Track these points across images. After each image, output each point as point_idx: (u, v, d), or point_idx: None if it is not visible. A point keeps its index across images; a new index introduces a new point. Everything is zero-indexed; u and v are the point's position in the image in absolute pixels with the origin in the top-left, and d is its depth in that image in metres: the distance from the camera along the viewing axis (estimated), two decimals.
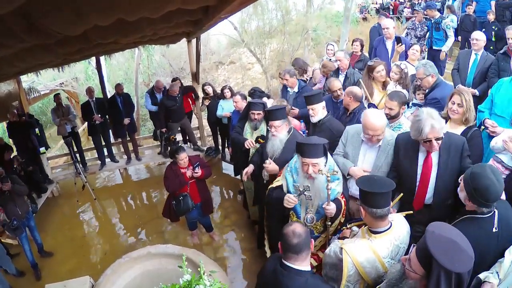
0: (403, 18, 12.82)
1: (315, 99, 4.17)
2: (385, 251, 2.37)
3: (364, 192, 2.41)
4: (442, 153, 3.03)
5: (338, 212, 3.14)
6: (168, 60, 18.78)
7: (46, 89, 11.43)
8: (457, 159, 3.01)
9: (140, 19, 3.60)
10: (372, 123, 3.30)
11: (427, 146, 2.98)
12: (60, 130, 7.42)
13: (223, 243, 5.71)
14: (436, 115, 2.91)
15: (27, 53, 3.93)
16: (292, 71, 5.66)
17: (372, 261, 2.35)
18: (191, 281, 2.68)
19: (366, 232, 2.52)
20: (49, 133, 13.02)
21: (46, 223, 6.59)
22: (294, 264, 2.22)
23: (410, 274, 1.90)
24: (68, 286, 3.59)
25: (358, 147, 3.60)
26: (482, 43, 5.43)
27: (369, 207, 2.36)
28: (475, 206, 2.42)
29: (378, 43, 6.73)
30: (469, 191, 2.41)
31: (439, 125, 2.87)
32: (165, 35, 6.15)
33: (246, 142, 4.65)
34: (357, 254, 2.36)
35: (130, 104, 7.88)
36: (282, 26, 15.93)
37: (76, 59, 6.90)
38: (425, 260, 1.79)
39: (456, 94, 3.59)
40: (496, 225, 2.41)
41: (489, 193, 2.33)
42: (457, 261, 1.72)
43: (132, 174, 8.58)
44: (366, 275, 2.37)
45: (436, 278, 1.71)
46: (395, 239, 2.41)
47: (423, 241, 1.81)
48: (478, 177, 2.39)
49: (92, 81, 16.27)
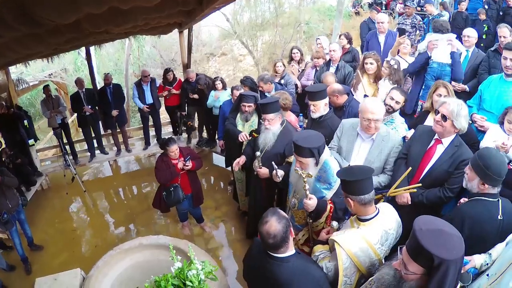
0: (395, 13, 12.83)
1: (318, 96, 4.06)
2: (375, 237, 2.39)
3: (347, 182, 2.43)
4: (447, 151, 3.18)
5: (320, 212, 3.11)
6: (159, 51, 18.56)
7: (35, 80, 11.25)
8: (452, 165, 3.16)
9: (133, 8, 3.56)
10: (372, 106, 3.36)
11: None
12: (51, 122, 7.31)
13: (214, 234, 5.77)
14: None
15: (18, 43, 3.85)
16: (266, 78, 5.64)
17: (365, 250, 2.37)
18: (183, 268, 2.69)
19: (355, 221, 2.54)
20: (38, 125, 12.84)
21: (35, 216, 6.52)
22: (277, 253, 2.25)
23: (408, 277, 1.86)
24: (59, 279, 3.54)
25: (353, 141, 3.62)
26: (473, 40, 5.48)
27: (356, 196, 2.39)
28: (489, 187, 2.56)
29: (370, 37, 6.75)
30: (481, 171, 2.56)
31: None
32: (157, 25, 6.09)
33: (240, 135, 4.66)
34: (349, 245, 2.37)
35: (120, 96, 7.76)
36: (275, 19, 15.85)
37: (66, 49, 6.78)
38: (423, 259, 1.76)
39: (441, 86, 3.72)
40: (501, 212, 2.53)
41: (500, 168, 2.51)
42: (454, 248, 1.73)
43: (122, 166, 8.53)
44: (361, 265, 2.38)
45: (442, 271, 1.70)
46: (383, 225, 2.44)
47: (415, 241, 1.78)
48: (487, 155, 2.58)
49: (81, 72, 16.05)
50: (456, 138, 3.17)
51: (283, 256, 2.25)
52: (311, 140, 3.08)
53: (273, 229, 2.19)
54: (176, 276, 2.70)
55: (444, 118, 3.08)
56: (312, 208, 3.02)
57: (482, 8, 9.11)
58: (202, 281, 2.67)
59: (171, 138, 5.06)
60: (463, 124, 3.06)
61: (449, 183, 3.16)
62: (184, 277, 2.64)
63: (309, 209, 3.03)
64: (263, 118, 4.08)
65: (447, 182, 3.17)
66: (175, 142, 4.92)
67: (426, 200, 3.24)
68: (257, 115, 4.81)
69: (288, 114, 5.08)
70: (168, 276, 2.70)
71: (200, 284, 2.64)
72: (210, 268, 2.80)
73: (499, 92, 4.14)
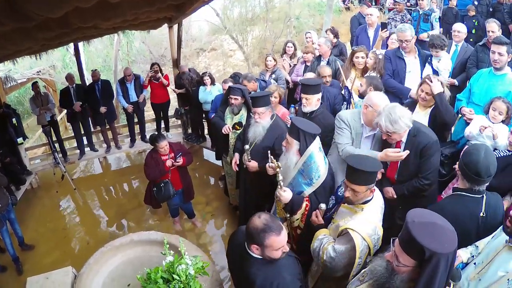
0: (385, 8, 12.90)
1: (312, 90, 4.05)
2: (377, 215, 2.57)
3: (364, 172, 2.46)
4: (406, 145, 3.25)
5: (294, 209, 3.11)
6: (148, 47, 18.41)
7: (23, 77, 11.11)
8: (416, 155, 3.22)
9: (122, 2, 3.52)
10: (385, 100, 3.43)
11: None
12: (40, 119, 7.21)
13: (205, 229, 5.79)
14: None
15: (6, 39, 3.80)
16: (249, 76, 5.66)
17: (374, 229, 2.49)
18: (173, 262, 2.72)
19: (355, 207, 2.62)
20: (27, 123, 12.69)
21: (26, 215, 6.43)
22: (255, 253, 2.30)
23: (400, 269, 1.87)
24: (51, 278, 3.52)
25: (360, 134, 3.61)
26: (463, 35, 5.59)
27: (370, 184, 2.52)
28: (468, 183, 2.55)
29: (360, 31, 6.79)
30: (461, 167, 2.58)
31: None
32: (147, 19, 6.02)
33: (224, 127, 4.78)
34: (361, 228, 2.46)
35: (109, 92, 7.65)
36: (265, 13, 15.82)
37: (55, 45, 6.68)
38: (415, 251, 1.77)
39: (425, 83, 3.81)
40: (484, 210, 2.50)
41: (477, 166, 2.46)
42: (446, 241, 1.74)
43: (112, 163, 8.45)
44: (372, 244, 2.47)
45: (433, 264, 1.71)
46: (379, 202, 2.65)
47: (407, 233, 1.79)
48: (469, 153, 2.57)
49: (69, 69, 15.80)
50: (411, 129, 3.17)
51: (255, 255, 2.30)
52: (306, 124, 3.11)
53: (257, 224, 2.22)
54: (166, 269, 2.73)
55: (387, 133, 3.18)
56: (286, 201, 3.02)
57: (472, 4, 9.21)
58: (191, 276, 2.68)
59: (160, 134, 5.05)
60: (403, 127, 3.07)
61: (420, 171, 3.22)
62: (174, 270, 2.67)
63: (282, 201, 3.03)
64: (253, 112, 4.10)
65: (419, 171, 3.23)
66: (164, 138, 4.89)
67: (408, 192, 3.31)
68: (246, 109, 4.84)
69: (279, 107, 5.09)
70: (159, 269, 2.73)
71: (186, 279, 2.65)
72: (201, 264, 2.82)
73: (488, 86, 4.21)
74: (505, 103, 3.64)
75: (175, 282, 2.64)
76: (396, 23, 8.54)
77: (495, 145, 3.48)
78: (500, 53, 4.08)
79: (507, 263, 2.09)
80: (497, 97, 3.75)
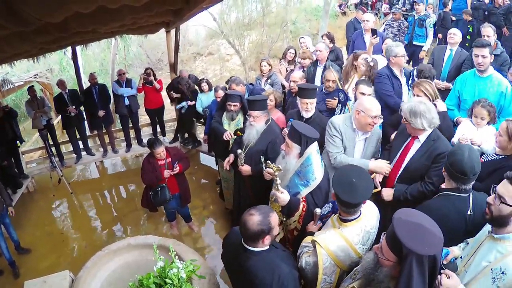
0: (381, 13, 13.01)
1: (313, 94, 4.09)
2: (356, 237, 2.44)
3: (340, 199, 2.43)
4: (422, 146, 3.24)
5: (292, 210, 3.14)
6: (145, 51, 18.40)
7: (20, 80, 11.05)
8: (429, 159, 3.22)
9: (121, 7, 3.55)
10: (376, 104, 3.46)
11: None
12: (36, 123, 7.21)
13: (202, 233, 5.80)
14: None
15: (4, 43, 3.81)
16: (237, 80, 5.70)
17: (345, 249, 2.41)
18: (164, 266, 2.77)
19: (336, 220, 2.57)
20: (23, 126, 12.61)
21: (22, 219, 6.41)
22: (249, 246, 2.36)
23: (383, 262, 1.92)
24: (48, 281, 3.52)
25: (353, 139, 3.62)
26: (458, 38, 5.63)
27: (342, 206, 2.46)
28: (454, 183, 2.58)
29: (356, 37, 6.84)
30: (447, 167, 2.61)
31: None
32: (145, 24, 6.05)
33: (225, 134, 4.76)
34: (329, 243, 2.42)
35: (106, 96, 7.67)
36: (262, 18, 15.86)
37: (52, 49, 6.68)
38: (395, 247, 1.81)
39: (415, 87, 3.88)
40: (471, 208, 2.54)
41: (462, 165, 2.50)
42: (427, 244, 1.76)
43: (108, 167, 8.46)
44: (341, 263, 2.43)
45: (409, 263, 1.73)
46: (366, 226, 2.48)
47: (391, 227, 1.84)
48: (453, 153, 2.62)
49: (67, 73, 15.83)
50: (433, 133, 3.21)
51: (254, 249, 2.35)
52: (307, 129, 3.14)
53: (251, 223, 2.27)
54: (158, 275, 2.76)
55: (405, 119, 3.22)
56: (284, 203, 3.05)
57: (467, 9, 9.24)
58: (183, 279, 2.71)
59: (157, 139, 5.06)
60: (419, 125, 3.11)
61: (428, 176, 3.23)
62: (166, 275, 2.70)
63: (280, 203, 3.06)
64: (248, 114, 4.13)
65: (426, 176, 3.23)
66: (161, 143, 4.90)
67: (410, 196, 3.29)
68: (242, 114, 4.86)
69: (275, 111, 5.13)
70: (150, 275, 2.77)
71: (179, 282, 2.68)
72: (191, 267, 2.88)
73: (478, 90, 4.24)
74: (484, 107, 3.63)
75: (168, 286, 2.68)
76: (392, 29, 8.66)
77: (481, 150, 3.50)
78: (483, 55, 4.14)
79: (490, 253, 2.11)
80: (476, 101, 3.75)
